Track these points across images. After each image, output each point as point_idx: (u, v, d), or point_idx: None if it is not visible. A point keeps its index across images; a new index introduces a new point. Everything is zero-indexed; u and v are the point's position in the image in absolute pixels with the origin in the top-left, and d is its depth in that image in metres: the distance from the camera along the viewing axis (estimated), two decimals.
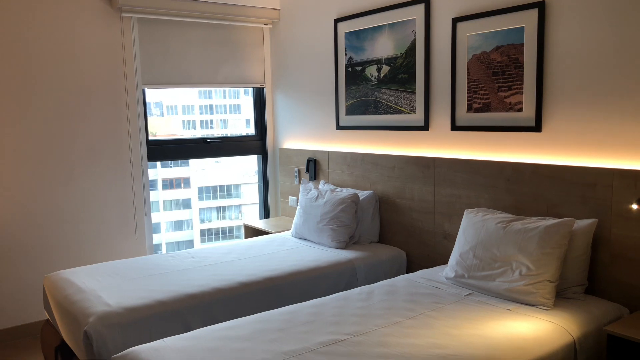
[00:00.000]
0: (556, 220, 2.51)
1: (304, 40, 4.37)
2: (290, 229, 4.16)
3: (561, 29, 2.70)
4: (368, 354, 1.99)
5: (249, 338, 2.14)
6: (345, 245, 3.57)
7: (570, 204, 2.67)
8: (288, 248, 3.58)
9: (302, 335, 2.16)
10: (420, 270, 3.06)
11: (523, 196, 2.87)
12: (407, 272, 3.54)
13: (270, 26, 4.67)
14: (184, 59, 4.29)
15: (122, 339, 2.42)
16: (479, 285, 2.64)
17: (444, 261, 3.29)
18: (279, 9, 4.59)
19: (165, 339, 2.17)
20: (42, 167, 3.77)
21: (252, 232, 4.48)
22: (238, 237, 18.11)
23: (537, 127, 2.84)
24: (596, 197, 2.56)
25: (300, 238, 3.83)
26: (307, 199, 3.83)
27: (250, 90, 4.82)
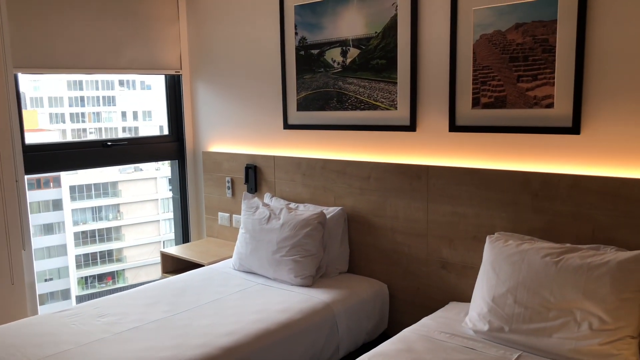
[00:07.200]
0: (632, 253, 1.90)
1: (236, 14, 3.42)
2: (226, 258, 3.23)
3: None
4: None
5: None
6: (312, 281, 2.74)
7: (627, 227, 2.09)
8: (237, 290, 2.67)
9: None
10: (426, 319, 2.31)
11: (557, 216, 2.25)
12: (391, 309, 2.80)
13: None
14: (72, 36, 3.16)
15: None
16: (527, 343, 1.96)
17: (443, 296, 2.60)
18: None
19: None
20: None
21: (171, 262, 3.46)
22: (117, 239, 16.39)
23: (574, 129, 2.22)
24: None
25: (246, 272, 2.93)
26: (254, 220, 2.93)
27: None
